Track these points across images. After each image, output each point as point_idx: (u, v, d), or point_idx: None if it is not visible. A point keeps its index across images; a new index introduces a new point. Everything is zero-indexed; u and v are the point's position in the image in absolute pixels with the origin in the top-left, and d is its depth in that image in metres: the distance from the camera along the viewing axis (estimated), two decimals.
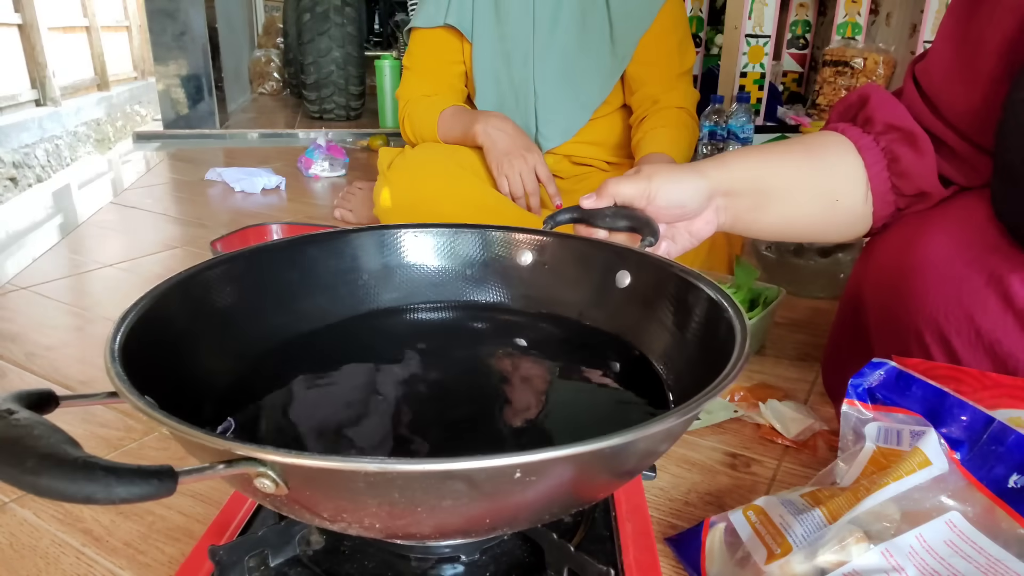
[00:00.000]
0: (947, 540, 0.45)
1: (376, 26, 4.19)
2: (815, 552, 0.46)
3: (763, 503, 0.53)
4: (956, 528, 0.46)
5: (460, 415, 0.53)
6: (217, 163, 2.11)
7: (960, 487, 0.48)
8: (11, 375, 0.87)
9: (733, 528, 0.53)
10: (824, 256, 1.17)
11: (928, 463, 0.48)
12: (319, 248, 0.63)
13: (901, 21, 2.17)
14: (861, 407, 0.55)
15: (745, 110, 1.79)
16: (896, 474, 0.48)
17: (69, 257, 1.31)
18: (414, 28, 1.26)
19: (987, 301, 0.55)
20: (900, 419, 0.53)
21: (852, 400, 0.55)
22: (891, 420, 0.53)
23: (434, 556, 0.47)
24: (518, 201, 1.15)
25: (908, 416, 0.52)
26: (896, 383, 0.54)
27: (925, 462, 0.48)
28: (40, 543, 0.59)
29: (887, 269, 0.65)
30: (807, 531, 0.48)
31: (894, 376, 0.54)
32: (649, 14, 1.17)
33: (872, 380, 0.55)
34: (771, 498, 0.54)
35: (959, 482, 0.48)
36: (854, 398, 0.55)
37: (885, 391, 0.54)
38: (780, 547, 0.48)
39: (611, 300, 0.62)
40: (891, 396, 0.54)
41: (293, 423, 0.50)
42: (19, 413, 0.30)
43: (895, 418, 0.53)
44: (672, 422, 0.35)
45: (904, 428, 0.52)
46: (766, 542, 0.50)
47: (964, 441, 0.49)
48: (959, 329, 0.56)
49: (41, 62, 3.87)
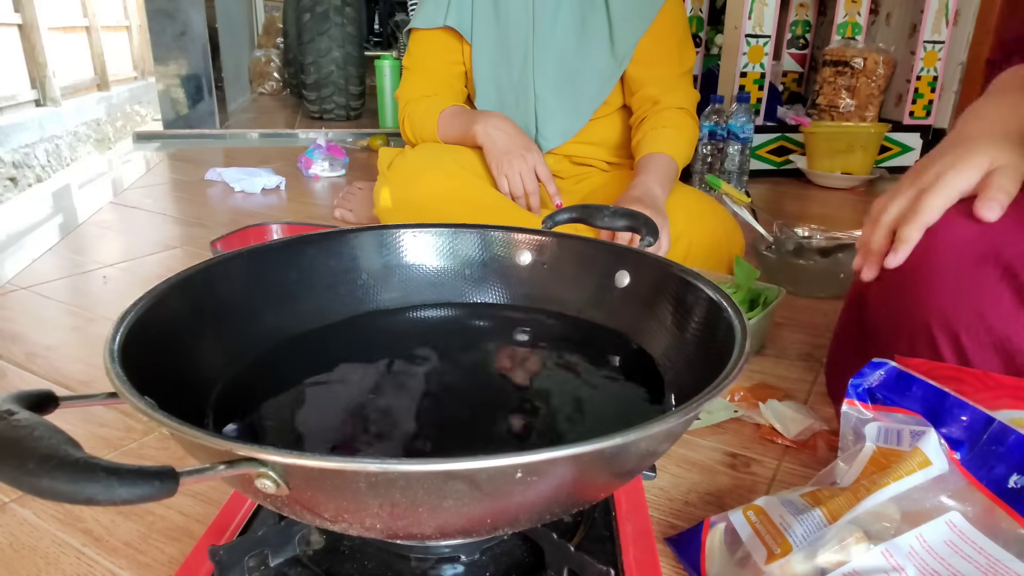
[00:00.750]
0: (947, 540, 0.45)
1: (376, 26, 4.19)
2: (815, 552, 0.46)
3: (763, 503, 0.53)
4: (956, 528, 0.46)
5: (460, 415, 0.53)
6: (217, 163, 2.11)
7: (960, 487, 0.47)
8: (11, 375, 0.87)
9: (733, 528, 0.53)
10: (824, 256, 1.18)
11: (928, 463, 0.48)
12: (318, 248, 0.63)
13: (901, 21, 2.17)
14: (861, 407, 0.55)
15: (745, 110, 1.79)
16: (896, 474, 0.48)
17: (69, 257, 1.31)
18: (414, 29, 1.26)
19: (1000, 296, 0.54)
20: (900, 419, 0.53)
21: (852, 400, 0.55)
22: (891, 420, 0.53)
23: (434, 556, 0.47)
24: (518, 201, 1.15)
25: (908, 416, 0.52)
26: (896, 383, 0.54)
27: (925, 462, 0.48)
28: (40, 543, 0.59)
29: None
30: (807, 531, 0.48)
31: (894, 376, 0.54)
32: (649, 15, 1.17)
33: (872, 380, 0.55)
34: (771, 498, 0.54)
35: (959, 482, 0.48)
36: (854, 398, 0.55)
37: (885, 391, 0.54)
38: (780, 547, 0.48)
39: (610, 300, 0.62)
40: (891, 396, 0.54)
41: (293, 423, 0.50)
42: (19, 414, 0.30)
43: (895, 418, 0.53)
44: (672, 422, 0.35)
45: (904, 428, 0.52)
46: (766, 542, 0.50)
47: (964, 441, 0.49)
48: (968, 325, 0.56)
49: (41, 62, 3.87)
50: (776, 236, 1.21)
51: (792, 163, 2.10)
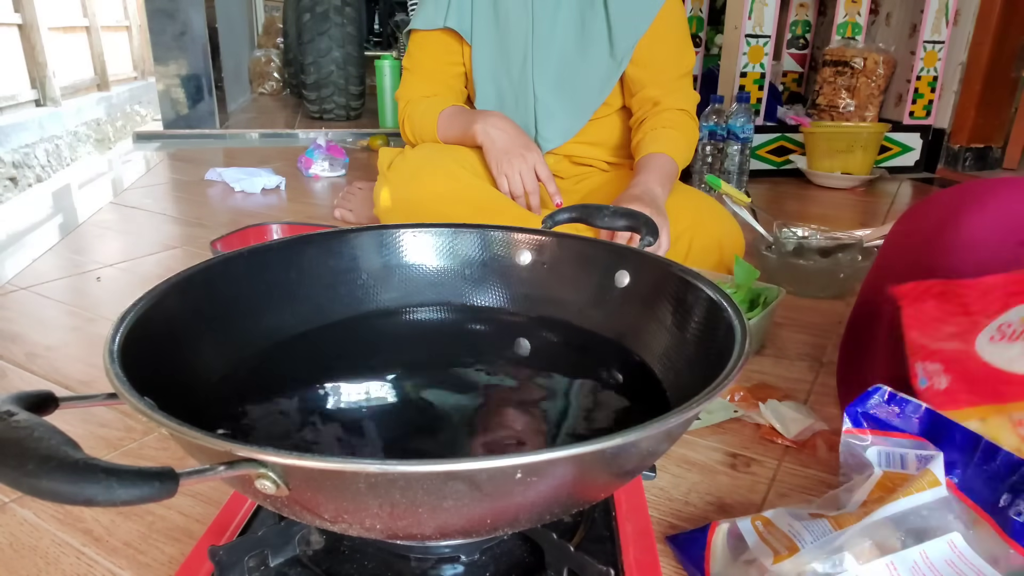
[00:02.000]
0: (947, 559, 0.46)
1: (376, 26, 4.19)
2: (822, 555, 0.46)
3: (771, 515, 0.54)
4: (956, 549, 0.47)
5: (461, 415, 0.53)
6: (217, 163, 2.11)
7: (961, 508, 0.49)
8: (11, 375, 0.87)
9: (739, 533, 0.53)
10: (824, 256, 1.17)
11: (938, 483, 0.49)
12: (318, 248, 0.63)
13: (901, 21, 2.17)
14: (859, 433, 0.56)
15: (745, 110, 1.79)
16: (907, 491, 0.49)
17: (69, 257, 1.31)
18: (413, 30, 1.26)
19: None
20: (902, 443, 0.54)
21: (850, 428, 0.56)
22: (891, 444, 0.54)
23: (434, 556, 0.47)
24: (518, 200, 1.15)
25: (911, 440, 0.54)
26: (891, 407, 0.55)
27: (935, 482, 0.49)
28: (40, 543, 0.59)
29: (917, 251, 0.64)
30: (815, 536, 0.49)
31: (887, 398, 0.55)
32: (647, 16, 1.17)
33: (868, 406, 0.56)
34: (779, 510, 0.54)
35: (959, 503, 0.49)
36: (851, 425, 0.56)
37: (880, 413, 0.56)
38: (787, 548, 0.48)
39: (610, 300, 0.62)
40: (886, 419, 0.55)
41: (293, 423, 0.50)
42: (19, 415, 0.30)
43: (895, 442, 0.54)
44: (672, 422, 0.35)
45: (909, 452, 0.53)
46: (773, 546, 0.50)
47: (958, 462, 0.51)
48: None
49: (41, 62, 3.87)
50: (776, 236, 1.21)
51: (792, 163, 2.10)
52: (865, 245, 1.20)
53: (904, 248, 0.68)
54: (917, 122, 2.18)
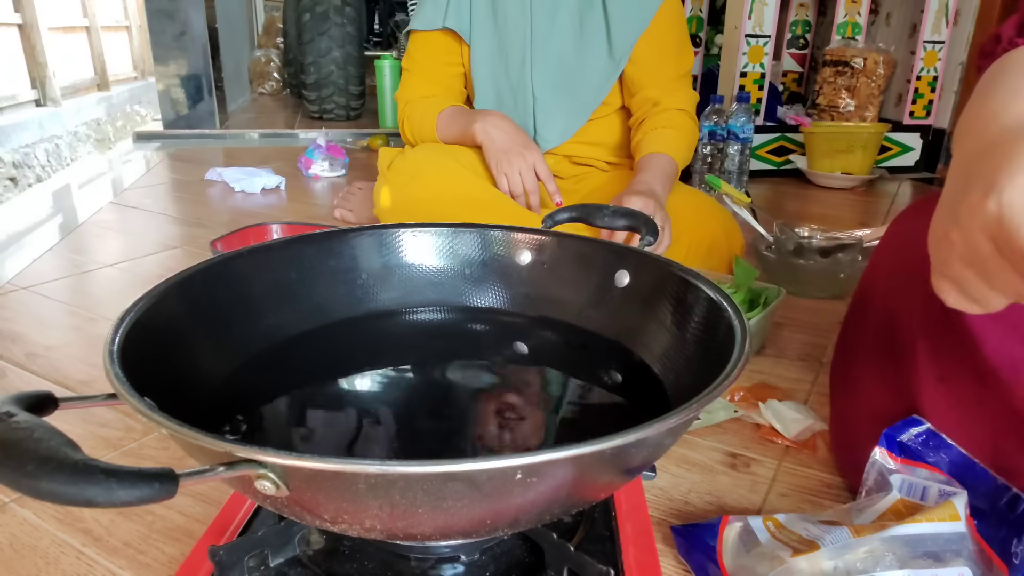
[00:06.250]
0: None
1: (376, 26, 4.19)
2: (843, 555, 0.47)
3: (783, 519, 0.54)
4: None
5: (460, 415, 0.53)
6: (217, 163, 2.11)
7: (977, 548, 0.49)
8: (11, 375, 0.87)
9: (751, 529, 0.54)
10: (824, 256, 1.17)
11: (958, 518, 0.50)
12: (318, 248, 0.63)
13: (901, 21, 2.17)
14: (888, 456, 0.57)
15: (745, 110, 1.79)
16: (927, 516, 0.50)
17: (69, 257, 1.31)
18: (412, 31, 1.26)
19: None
20: (926, 476, 0.55)
21: (883, 448, 0.57)
22: (915, 476, 0.55)
23: (434, 556, 0.47)
24: (518, 199, 1.15)
25: (937, 475, 0.54)
26: (927, 442, 0.56)
27: (955, 516, 0.50)
28: (40, 543, 0.59)
29: (910, 252, 0.63)
30: (835, 539, 0.49)
31: (927, 436, 0.56)
32: (646, 16, 1.17)
33: (907, 435, 0.57)
34: (791, 516, 0.55)
35: (976, 544, 0.50)
36: (885, 447, 0.57)
37: (916, 446, 0.56)
38: (807, 546, 0.49)
39: (610, 300, 0.62)
40: (920, 452, 0.56)
41: (293, 424, 0.50)
42: (19, 416, 0.30)
43: (919, 474, 0.55)
44: (672, 422, 0.35)
45: (932, 485, 0.54)
46: (789, 544, 0.51)
47: (984, 508, 0.51)
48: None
49: (41, 62, 3.87)
50: (776, 236, 1.21)
51: (792, 163, 2.10)
52: (865, 245, 1.20)
53: (898, 248, 0.68)
54: (917, 122, 2.18)
